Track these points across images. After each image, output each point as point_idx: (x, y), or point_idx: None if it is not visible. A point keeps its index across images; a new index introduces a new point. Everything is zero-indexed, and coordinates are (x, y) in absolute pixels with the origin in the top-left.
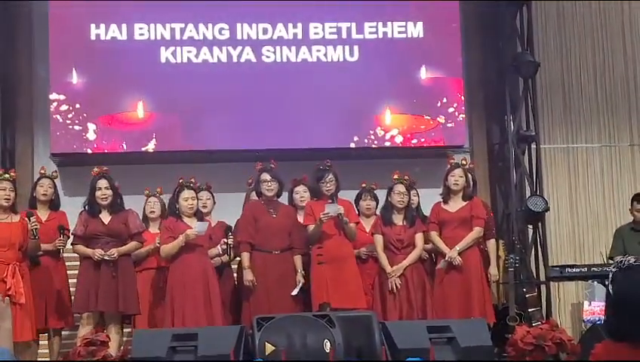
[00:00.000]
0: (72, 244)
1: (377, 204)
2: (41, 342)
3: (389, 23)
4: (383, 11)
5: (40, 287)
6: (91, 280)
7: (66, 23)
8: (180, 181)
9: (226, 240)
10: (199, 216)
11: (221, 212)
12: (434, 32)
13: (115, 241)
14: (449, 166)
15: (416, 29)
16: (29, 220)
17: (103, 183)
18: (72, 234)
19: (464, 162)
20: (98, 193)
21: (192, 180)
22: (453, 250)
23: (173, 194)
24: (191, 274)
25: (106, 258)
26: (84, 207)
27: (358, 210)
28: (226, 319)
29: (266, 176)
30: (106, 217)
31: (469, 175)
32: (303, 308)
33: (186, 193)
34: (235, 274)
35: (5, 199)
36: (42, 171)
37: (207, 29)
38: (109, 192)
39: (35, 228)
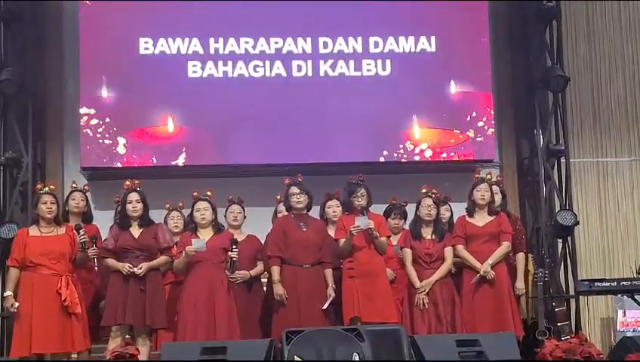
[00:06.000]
0: (102, 257)
1: (405, 221)
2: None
3: (419, 38)
4: (413, 26)
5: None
6: (120, 293)
7: (96, 38)
8: (195, 194)
9: (230, 253)
10: (217, 227)
11: (249, 226)
12: (464, 46)
13: (145, 255)
14: (474, 180)
15: (445, 44)
16: (78, 232)
17: (134, 196)
18: (102, 247)
19: (489, 176)
20: (129, 206)
21: (208, 193)
22: (486, 264)
23: (191, 209)
24: (196, 288)
25: (135, 271)
26: (115, 221)
27: None
28: (252, 332)
29: (294, 190)
30: (135, 231)
31: (495, 188)
32: (333, 322)
33: (199, 204)
34: (264, 288)
35: (48, 211)
36: (74, 185)
37: (237, 43)
38: (140, 205)
39: (85, 241)
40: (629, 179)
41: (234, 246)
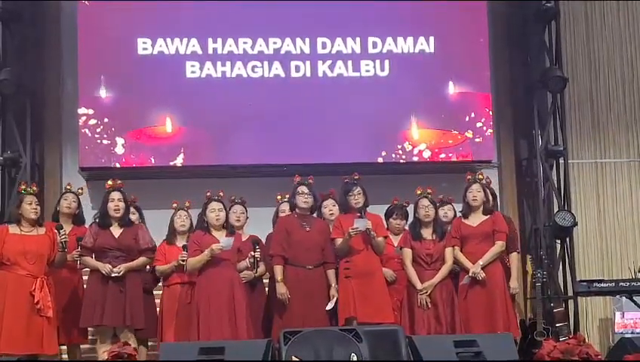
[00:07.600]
0: (79, 255)
1: (407, 222)
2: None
3: (418, 38)
4: (411, 26)
5: (56, 299)
6: (99, 293)
7: (94, 38)
8: (208, 194)
9: (253, 253)
10: (229, 229)
11: (248, 226)
12: (462, 47)
13: (125, 256)
14: (467, 182)
15: (444, 44)
16: (59, 232)
17: (116, 195)
18: (81, 245)
19: (481, 177)
20: (111, 204)
21: (221, 193)
22: (476, 265)
23: (202, 208)
24: (216, 288)
25: (113, 274)
26: (95, 219)
27: (387, 226)
28: (255, 333)
29: (303, 189)
30: (116, 231)
31: (487, 190)
32: (335, 323)
33: (213, 205)
34: (266, 289)
35: (34, 212)
36: (68, 187)
37: (235, 43)
38: (122, 204)
39: (65, 241)
40: (628, 180)
41: (256, 246)
